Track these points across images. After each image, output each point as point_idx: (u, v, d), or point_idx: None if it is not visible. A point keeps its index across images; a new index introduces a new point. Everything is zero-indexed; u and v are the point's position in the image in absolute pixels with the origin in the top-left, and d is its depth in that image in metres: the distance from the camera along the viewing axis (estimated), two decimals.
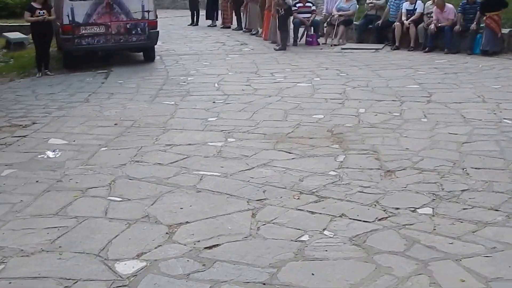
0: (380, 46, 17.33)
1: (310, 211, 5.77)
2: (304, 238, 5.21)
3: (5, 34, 19.46)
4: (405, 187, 6.33)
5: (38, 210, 6.04)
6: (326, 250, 4.97)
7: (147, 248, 5.12)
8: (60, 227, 5.61)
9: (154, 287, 4.53)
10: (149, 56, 16.25)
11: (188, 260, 4.89)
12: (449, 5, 16.14)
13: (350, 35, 18.63)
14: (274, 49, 17.65)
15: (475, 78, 12.38)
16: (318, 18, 19.03)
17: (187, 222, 5.63)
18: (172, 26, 24.35)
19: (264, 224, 5.52)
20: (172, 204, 6.10)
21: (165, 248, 5.12)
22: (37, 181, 6.89)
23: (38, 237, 5.40)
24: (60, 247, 5.21)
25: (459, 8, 16.00)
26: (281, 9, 17.37)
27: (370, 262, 4.76)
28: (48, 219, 5.83)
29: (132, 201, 6.23)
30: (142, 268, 4.79)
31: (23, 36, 18.82)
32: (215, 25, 24.76)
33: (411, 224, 5.41)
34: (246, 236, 5.30)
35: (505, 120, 8.89)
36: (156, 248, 5.13)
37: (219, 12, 24.92)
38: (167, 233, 5.43)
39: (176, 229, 5.49)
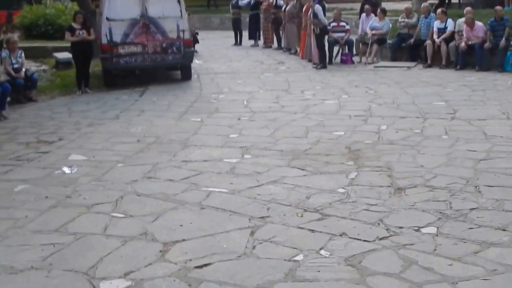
0: (412, 64, 17.10)
1: (310, 229, 5.59)
2: (298, 257, 5.03)
3: (54, 54, 19.71)
4: (412, 205, 6.09)
5: (39, 226, 6.00)
6: (319, 271, 4.78)
7: (136, 267, 5.01)
8: (56, 243, 5.54)
9: None
10: (186, 75, 16.31)
11: (174, 280, 4.76)
12: (478, 23, 15.82)
13: (384, 53, 18.44)
14: (313, 67, 17.55)
15: (502, 95, 12.03)
16: (352, 37, 18.91)
17: (183, 240, 5.51)
18: (217, 46, 24.48)
19: (261, 243, 5.36)
20: (173, 221, 6.00)
21: (154, 267, 5.00)
22: (46, 197, 6.87)
23: (32, 254, 5.34)
24: (50, 264, 5.14)
25: (487, 26, 15.65)
26: (317, 29, 17.33)
27: (362, 284, 4.55)
28: (46, 235, 5.77)
29: (134, 218, 6.15)
30: None
31: (70, 56, 19.05)
32: (258, 45, 24.89)
33: (411, 244, 5.18)
34: (240, 255, 5.14)
35: None
36: (146, 266, 5.02)
37: (261, 32, 25.08)
38: (160, 251, 5.31)
39: (170, 247, 5.36)
